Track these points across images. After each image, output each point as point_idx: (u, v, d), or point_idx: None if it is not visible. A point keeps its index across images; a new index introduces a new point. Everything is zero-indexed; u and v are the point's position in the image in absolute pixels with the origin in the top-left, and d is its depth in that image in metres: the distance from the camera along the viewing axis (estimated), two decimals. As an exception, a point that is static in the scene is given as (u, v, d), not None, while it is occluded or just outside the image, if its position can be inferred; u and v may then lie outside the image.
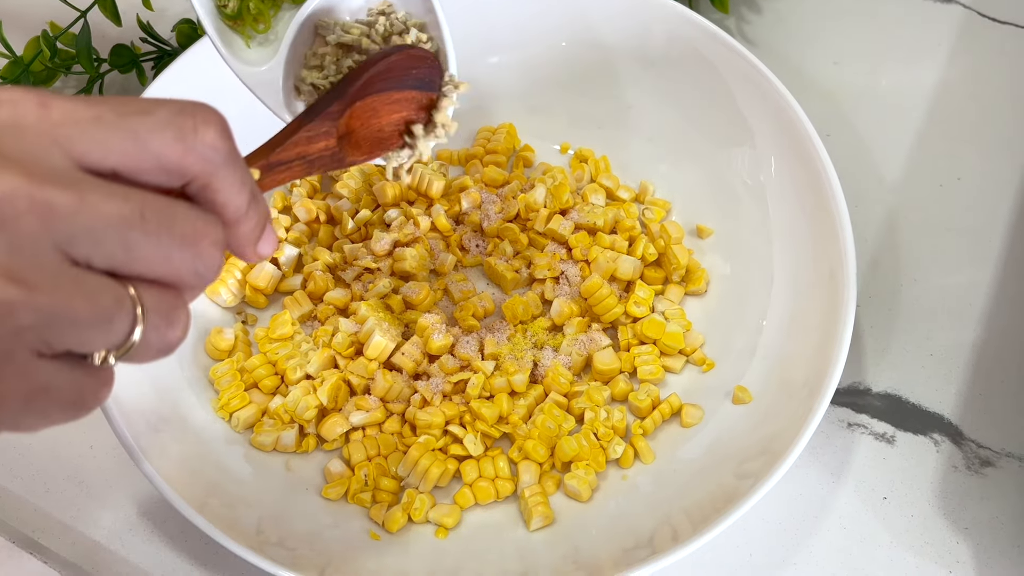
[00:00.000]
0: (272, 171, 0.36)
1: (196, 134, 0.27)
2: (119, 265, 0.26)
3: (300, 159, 0.37)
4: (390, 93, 0.39)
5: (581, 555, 0.46)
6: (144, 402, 0.47)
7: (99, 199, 0.25)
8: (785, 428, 0.46)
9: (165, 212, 0.27)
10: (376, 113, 0.39)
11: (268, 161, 0.35)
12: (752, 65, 0.54)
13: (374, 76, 0.38)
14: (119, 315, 0.26)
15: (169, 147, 0.27)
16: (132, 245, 0.26)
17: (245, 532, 0.43)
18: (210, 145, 0.28)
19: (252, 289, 0.54)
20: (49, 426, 0.27)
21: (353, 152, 0.39)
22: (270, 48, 0.42)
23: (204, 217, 0.28)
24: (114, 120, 0.26)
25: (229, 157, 0.29)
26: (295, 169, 0.37)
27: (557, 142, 0.60)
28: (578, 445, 0.49)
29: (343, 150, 0.38)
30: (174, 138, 0.27)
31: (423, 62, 0.40)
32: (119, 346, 0.27)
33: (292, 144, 0.36)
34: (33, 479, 0.50)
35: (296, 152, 0.36)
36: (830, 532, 0.49)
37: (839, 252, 0.49)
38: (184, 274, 0.28)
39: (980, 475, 0.51)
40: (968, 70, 0.65)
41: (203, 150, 0.28)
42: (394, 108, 0.40)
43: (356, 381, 0.50)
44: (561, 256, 0.55)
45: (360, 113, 0.38)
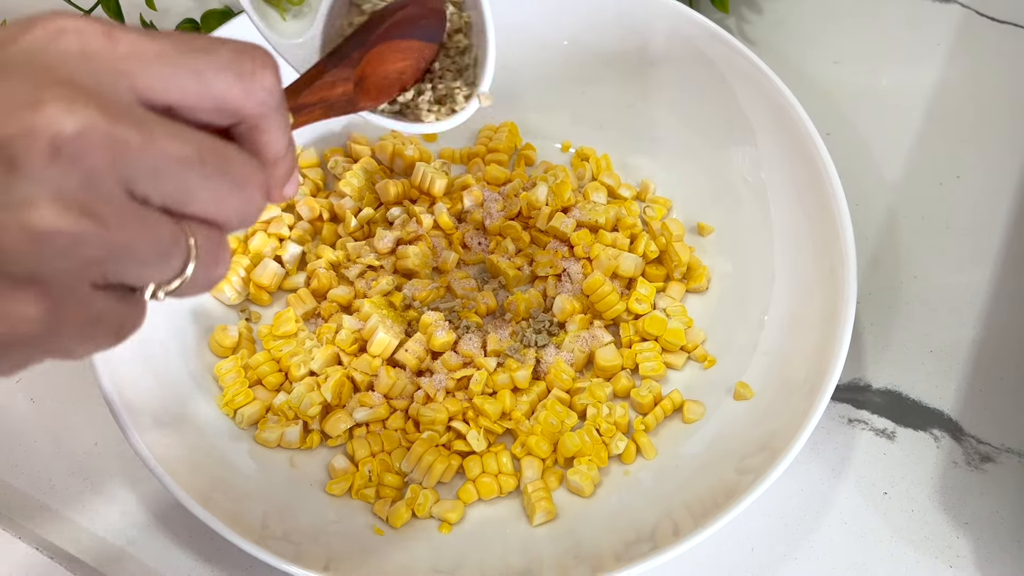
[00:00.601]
0: (299, 113, 0.36)
1: (255, 77, 0.28)
2: (175, 204, 0.27)
3: (322, 103, 0.37)
4: (399, 41, 0.40)
5: (583, 549, 0.46)
6: (149, 398, 0.47)
7: (165, 139, 0.26)
8: (786, 424, 0.46)
9: (221, 155, 0.27)
10: (384, 60, 0.40)
11: (296, 103, 0.36)
12: (753, 64, 0.55)
13: (392, 25, 0.39)
14: (176, 252, 0.27)
15: (230, 88, 0.28)
16: (190, 186, 0.27)
17: (250, 527, 0.44)
18: (267, 89, 0.28)
19: (256, 287, 0.54)
20: (94, 352, 0.28)
21: (364, 97, 0.39)
22: (306, 20, 0.42)
23: (252, 162, 0.29)
24: (177, 57, 0.27)
25: (280, 101, 0.29)
26: (316, 112, 0.37)
27: (559, 141, 0.61)
28: (580, 441, 0.49)
29: (356, 95, 0.39)
30: (235, 79, 0.28)
31: (433, 14, 0.41)
32: (170, 281, 0.28)
33: (317, 88, 0.37)
34: (38, 475, 0.50)
35: (319, 96, 0.37)
36: (831, 527, 0.49)
37: (839, 250, 0.50)
38: (231, 215, 0.28)
39: (980, 471, 0.51)
40: (967, 69, 0.66)
41: (261, 94, 0.28)
42: (399, 56, 0.40)
43: (360, 378, 0.51)
44: (563, 254, 0.55)
45: (372, 60, 0.39)
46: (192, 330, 0.52)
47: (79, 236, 0.25)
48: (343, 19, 0.41)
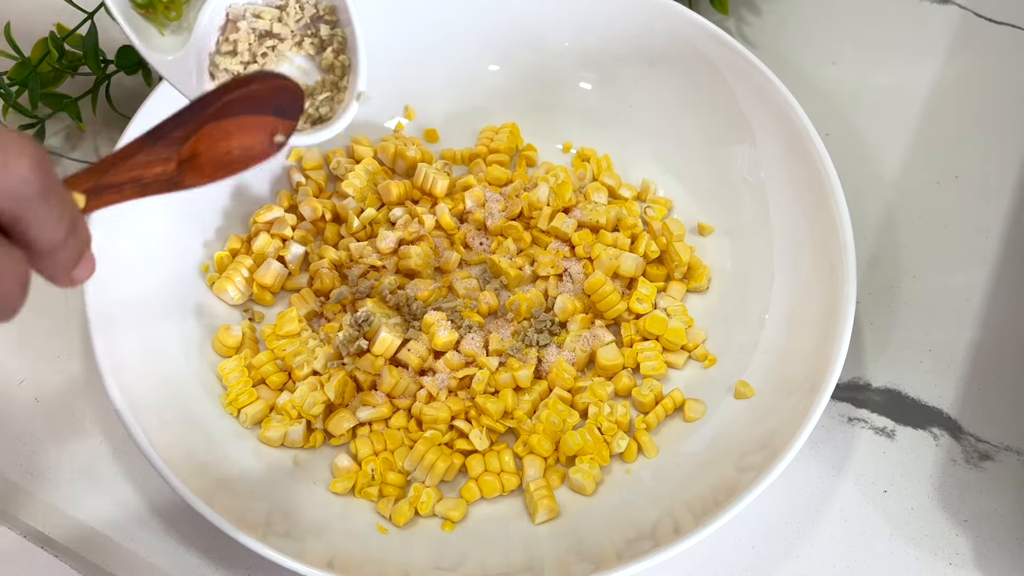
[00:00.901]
0: (100, 194, 0.34)
1: (6, 168, 0.27)
2: None
3: (133, 183, 0.35)
4: (247, 118, 0.38)
5: (585, 547, 0.46)
6: (153, 398, 0.48)
7: None
8: (786, 422, 0.47)
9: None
10: (227, 136, 0.37)
11: (97, 183, 0.34)
12: (752, 65, 0.55)
13: (231, 102, 0.37)
14: None
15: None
16: None
17: (254, 524, 0.44)
18: (20, 178, 0.27)
19: (259, 287, 0.54)
20: None
21: (193, 175, 0.37)
22: (183, 36, 0.41)
23: (8, 252, 0.27)
24: None
25: (42, 192, 0.27)
26: (126, 192, 0.35)
27: (559, 141, 0.61)
28: (582, 439, 0.49)
29: (182, 174, 0.36)
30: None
31: (285, 92, 0.39)
32: None
33: (127, 167, 0.34)
34: (43, 475, 0.51)
35: (130, 176, 0.35)
36: (831, 525, 0.50)
37: (839, 249, 0.50)
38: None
39: (979, 469, 0.51)
40: (965, 70, 0.66)
41: (11, 183, 0.27)
42: (245, 132, 0.38)
43: (362, 377, 0.51)
44: (564, 254, 0.56)
45: (208, 135, 0.37)
46: (196, 330, 0.52)
47: None
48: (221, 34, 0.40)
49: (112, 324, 0.48)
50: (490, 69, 0.61)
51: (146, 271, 0.52)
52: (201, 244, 0.55)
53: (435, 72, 0.61)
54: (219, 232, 0.56)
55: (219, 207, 0.56)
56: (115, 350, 0.47)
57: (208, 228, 0.56)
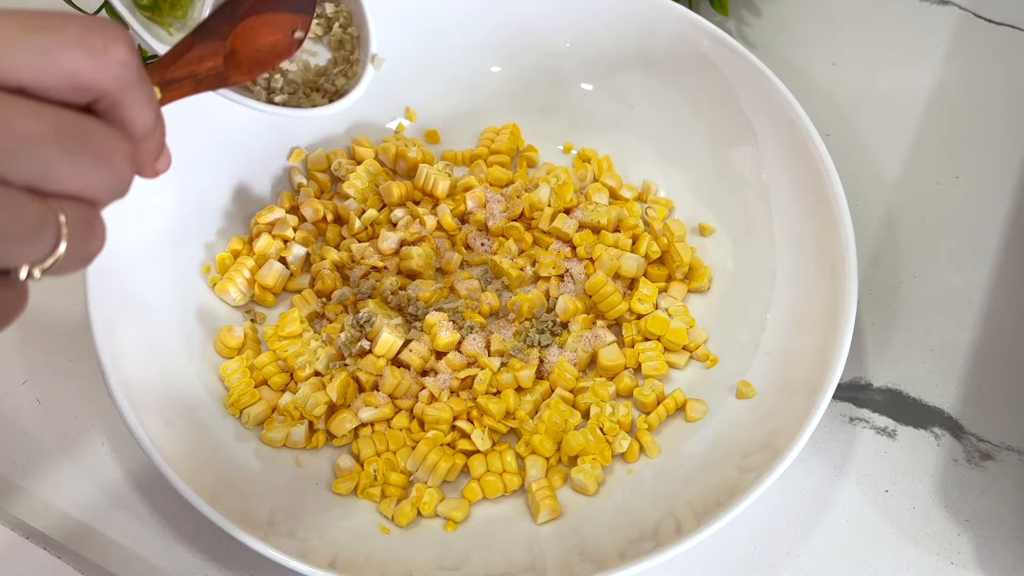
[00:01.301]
0: (166, 88, 0.36)
1: (107, 51, 0.27)
2: (37, 182, 0.26)
3: (190, 77, 0.37)
4: (269, 15, 0.40)
5: (587, 547, 0.46)
6: (156, 399, 0.48)
7: (13, 117, 0.25)
8: (788, 422, 0.47)
9: (80, 129, 0.27)
10: (255, 34, 0.40)
11: (163, 78, 0.36)
12: (753, 66, 0.55)
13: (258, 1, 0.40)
14: (44, 231, 0.27)
15: (81, 64, 0.27)
16: (50, 163, 0.26)
17: (256, 524, 0.44)
18: (121, 62, 0.28)
19: (261, 288, 0.54)
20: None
21: (235, 72, 0.40)
22: None
23: (116, 134, 0.28)
24: (23, 36, 0.26)
25: (139, 74, 0.28)
26: (185, 87, 0.37)
27: (560, 142, 0.61)
28: (584, 440, 0.49)
29: (227, 69, 0.39)
30: (85, 55, 0.27)
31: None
32: (43, 259, 0.27)
33: (185, 62, 0.37)
34: (44, 475, 0.51)
35: (188, 70, 0.37)
36: (833, 525, 0.50)
37: (840, 249, 0.50)
38: (99, 189, 0.28)
39: (980, 468, 0.51)
40: (965, 70, 0.66)
41: (114, 67, 0.27)
42: (269, 30, 0.41)
43: (364, 378, 0.51)
44: (565, 254, 0.56)
45: (242, 34, 0.39)
46: (198, 331, 0.52)
47: None
48: None
49: (114, 325, 0.48)
50: (491, 70, 0.61)
51: (148, 272, 0.52)
52: (203, 245, 0.55)
53: (436, 73, 0.61)
54: (220, 233, 0.56)
55: (220, 208, 0.56)
56: (117, 351, 0.47)
57: (209, 229, 0.56)
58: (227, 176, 0.57)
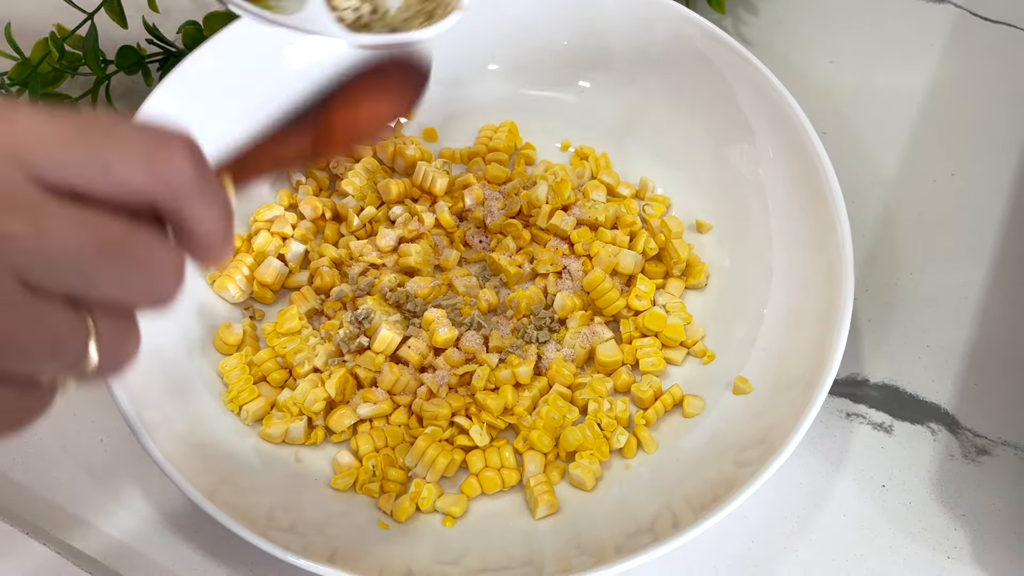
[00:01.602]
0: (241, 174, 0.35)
1: (164, 162, 0.26)
2: (75, 291, 0.26)
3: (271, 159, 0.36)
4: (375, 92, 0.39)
5: (585, 541, 0.46)
6: (155, 395, 0.48)
7: (57, 227, 0.24)
8: (785, 418, 0.47)
9: (125, 240, 0.26)
10: (356, 107, 0.38)
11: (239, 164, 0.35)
12: (750, 64, 0.55)
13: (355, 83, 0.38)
14: (72, 342, 0.26)
15: (134, 174, 0.26)
16: (89, 275, 0.25)
17: (256, 520, 0.44)
18: (178, 170, 0.27)
19: (259, 285, 0.54)
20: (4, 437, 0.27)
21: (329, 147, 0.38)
22: None
23: (166, 245, 0.27)
24: (78, 140, 0.25)
25: (198, 183, 0.27)
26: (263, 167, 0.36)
27: (558, 140, 0.61)
28: (582, 435, 0.50)
29: (318, 147, 0.37)
30: (140, 164, 0.26)
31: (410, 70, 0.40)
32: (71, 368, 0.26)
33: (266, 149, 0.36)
34: (45, 472, 0.51)
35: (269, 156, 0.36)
36: (830, 520, 0.50)
37: (837, 246, 0.50)
38: (140, 300, 0.27)
39: (977, 463, 0.52)
40: (961, 68, 0.66)
41: (170, 176, 0.26)
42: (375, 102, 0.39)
43: (363, 374, 0.51)
44: (563, 251, 0.56)
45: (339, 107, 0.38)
46: (197, 328, 0.53)
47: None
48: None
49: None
50: (489, 68, 0.61)
51: (147, 269, 0.52)
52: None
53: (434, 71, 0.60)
54: (220, 231, 0.56)
55: (220, 206, 0.56)
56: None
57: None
58: (226, 174, 0.57)
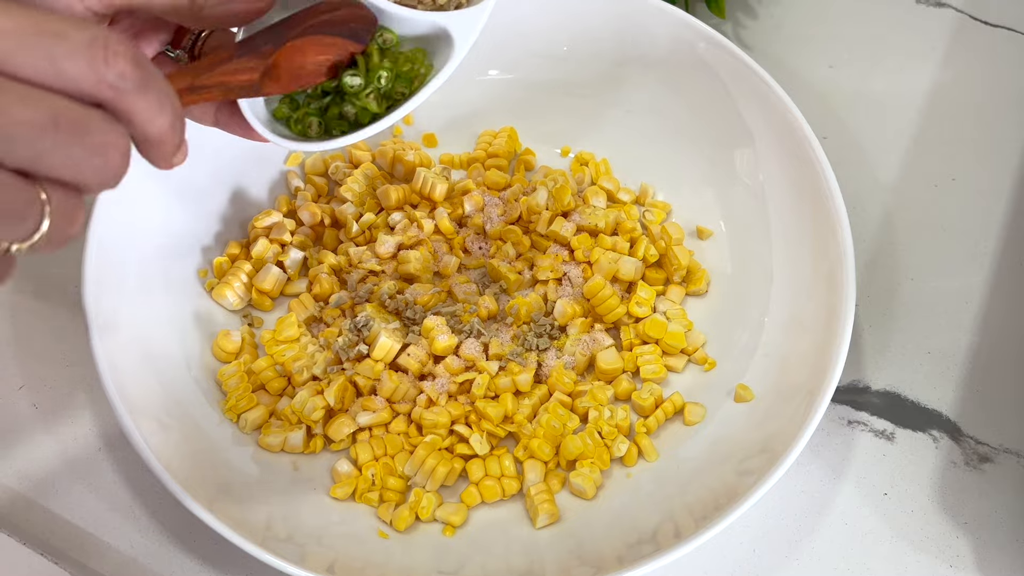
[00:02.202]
0: (193, 93, 0.37)
1: (107, 64, 0.28)
2: (29, 166, 0.27)
3: (220, 85, 0.38)
4: (322, 37, 0.41)
5: (586, 551, 0.46)
6: (153, 403, 0.47)
7: (13, 102, 0.27)
8: (786, 426, 0.47)
9: (77, 119, 0.28)
10: (302, 52, 0.40)
11: (192, 83, 0.37)
12: (750, 69, 0.55)
13: (315, 24, 0.40)
14: (29, 213, 0.28)
15: (82, 74, 0.28)
16: (43, 150, 0.27)
17: (254, 530, 0.44)
18: (120, 74, 0.29)
19: (258, 292, 0.54)
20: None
21: (271, 84, 0.40)
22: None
23: (114, 127, 0.29)
24: (31, 38, 0.27)
25: (140, 84, 0.29)
26: (212, 93, 0.38)
27: (558, 145, 0.61)
28: (582, 443, 0.49)
29: (263, 82, 0.39)
30: (87, 65, 0.28)
31: (362, 20, 0.42)
32: (23, 240, 0.29)
33: (219, 72, 0.38)
34: (42, 481, 0.50)
35: (219, 80, 0.38)
36: (831, 528, 0.50)
37: (838, 252, 0.50)
38: (89, 179, 0.29)
39: (979, 471, 0.51)
40: (961, 73, 0.66)
41: (114, 79, 0.28)
42: (319, 50, 0.41)
43: (362, 382, 0.51)
44: (563, 258, 0.56)
45: (287, 51, 0.40)
46: (195, 335, 0.52)
47: None
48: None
49: (111, 329, 0.48)
50: (489, 74, 0.61)
51: (145, 276, 0.52)
52: (200, 250, 0.55)
53: (433, 77, 0.61)
54: (217, 237, 0.56)
55: (217, 212, 0.56)
56: (114, 355, 0.47)
57: (206, 234, 0.56)
58: (224, 180, 0.56)
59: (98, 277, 0.48)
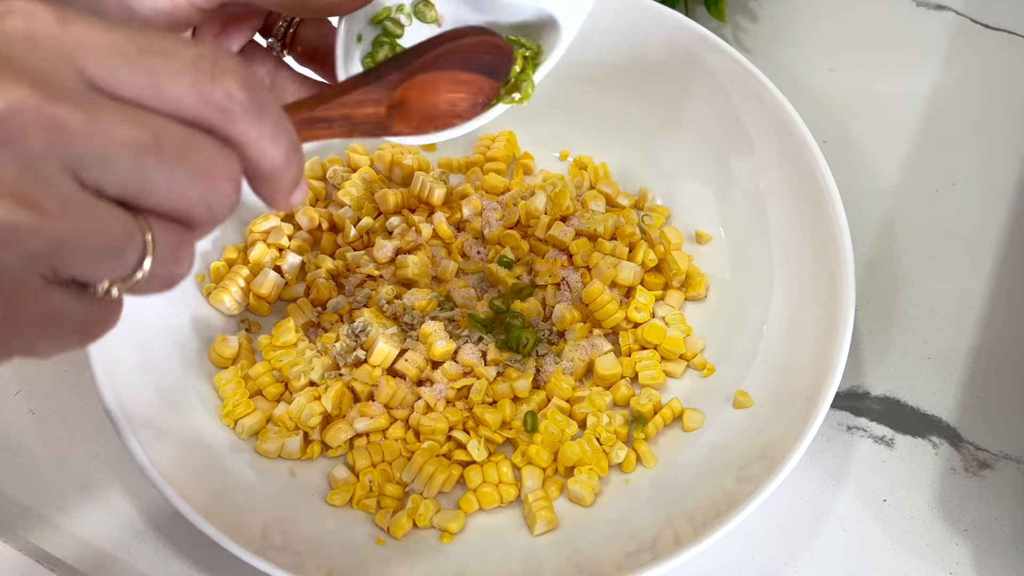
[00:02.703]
0: (313, 126, 0.34)
1: (214, 83, 0.26)
2: (131, 194, 0.25)
3: (344, 120, 0.35)
4: (456, 73, 0.38)
5: (584, 559, 0.46)
6: (149, 409, 0.47)
7: (113, 121, 0.25)
8: (785, 432, 0.46)
9: (182, 141, 0.26)
10: (435, 89, 0.38)
11: (312, 115, 0.34)
12: (750, 73, 0.55)
13: (444, 53, 0.37)
14: (129, 247, 0.26)
15: (185, 93, 0.26)
16: (145, 173, 0.25)
17: (250, 537, 0.44)
18: (228, 94, 0.27)
19: (255, 297, 0.54)
20: (62, 351, 0.27)
21: (401, 123, 0.37)
22: None
23: (223, 151, 0.27)
24: (133, 54, 0.25)
25: (250, 108, 0.27)
26: (336, 129, 0.35)
27: (556, 149, 0.61)
28: (581, 450, 0.49)
29: (391, 119, 0.37)
30: (191, 85, 0.26)
31: (497, 50, 0.39)
32: (125, 278, 0.26)
33: (340, 103, 0.35)
34: (39, 488, 0.50)
35: (342, 112, 0.35)
36: (831, 535, 0.50)
37: (838, 257, 0.50)
38: (196, 208, 0.27)
39: (978, 477, 0.51)
40: (962, 76, 0.66)
41: (222, 100, 0.27)
42: (454, 88, 0.38)
43: (360, 388, 0.51)
44: (562, 262, 0.55)
45: (419, 85, 0.37)
46: (192, 341, 0.52)
47: (18, 227, 0.23)
48: None
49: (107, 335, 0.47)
50: (487, 77, 0.61)
51: (142, 282, 0.51)
52: (197, 254, 0.55)
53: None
54: (215, 242, 0.56)
55: (215, 217, 0.56)
56: (111, 361, 0.47)
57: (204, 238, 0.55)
58: (221, 184, 0.56)
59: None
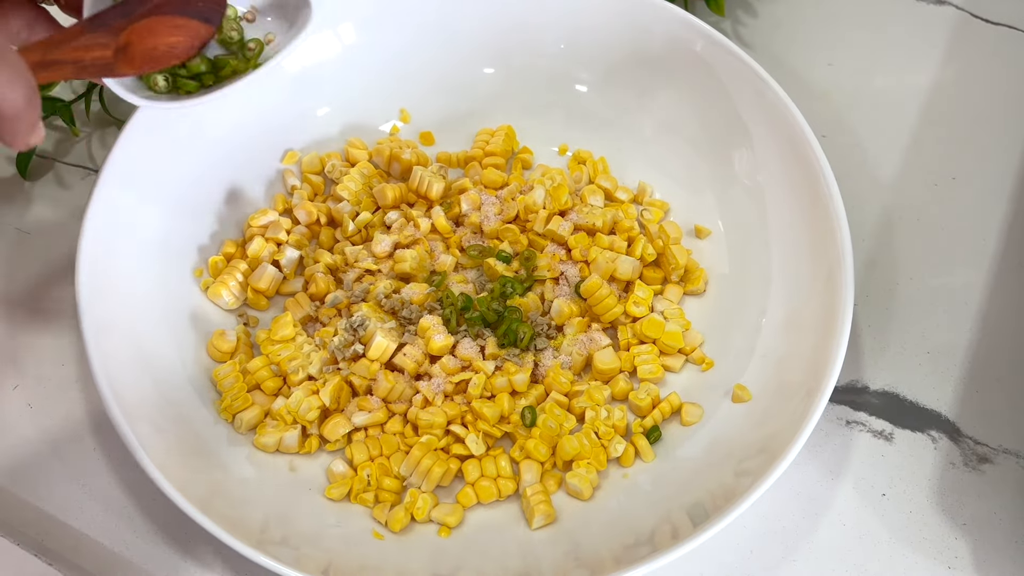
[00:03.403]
0: (46, 68, 0.37)
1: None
2: None
3: (73, 63, 0.38)
4: (173, 17, 0.41)
5: (582, 553, 0.46)
6: (147, 403, 0.47)
7: None
8: (784, 426, 0.46)
9: None
10: (154, 33, 0.41)
11: (43, 59, 0.37)
12: (749, 67, 0.55)
13: (166, 2, 0.41)
14: None
15: None
16: None
17: (249, 532, 0.44)
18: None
19: (254, 291, 0.54)
20: None
21: (125, 65, 0.40)
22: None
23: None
24: None
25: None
26: (66, 70, 0.38)
27: (555, 144, 0.61)
28: (579, 444, 0.49)
29: (116, 61, 0.40)
30: None
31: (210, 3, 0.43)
32: None
33: (71, 48, 0.38)
34: (36, 482, 0.50)
35: (72, 56, 0.38)
36: (829, 529, 0.49)
37: (836, 251, 0.50)
38: None
39: (978, 471, 0.51)
40: (962, 71, 0.66)
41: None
42: (172, 32, 0.42)
43: (358, 382, 0.51)
44: (560, 257, 0.55)
45: (140, 30, 0.40)
46: (190, 335, 0.52)
47: None
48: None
49: (106, 329, 0.47)
50: (485, 72, 0.61)
51: (140, 276, 0.51)
52: (195, 248, 0.55)
53: (430, 75, 0.60)
54: (213, 236, 0.56)
55: (213, 211, 0.56)
56: (109, 355, 0.47)
57: (202, 232, 0.55)
58: (220, 178, 0.56)
59: (92, 276, 0.48)
